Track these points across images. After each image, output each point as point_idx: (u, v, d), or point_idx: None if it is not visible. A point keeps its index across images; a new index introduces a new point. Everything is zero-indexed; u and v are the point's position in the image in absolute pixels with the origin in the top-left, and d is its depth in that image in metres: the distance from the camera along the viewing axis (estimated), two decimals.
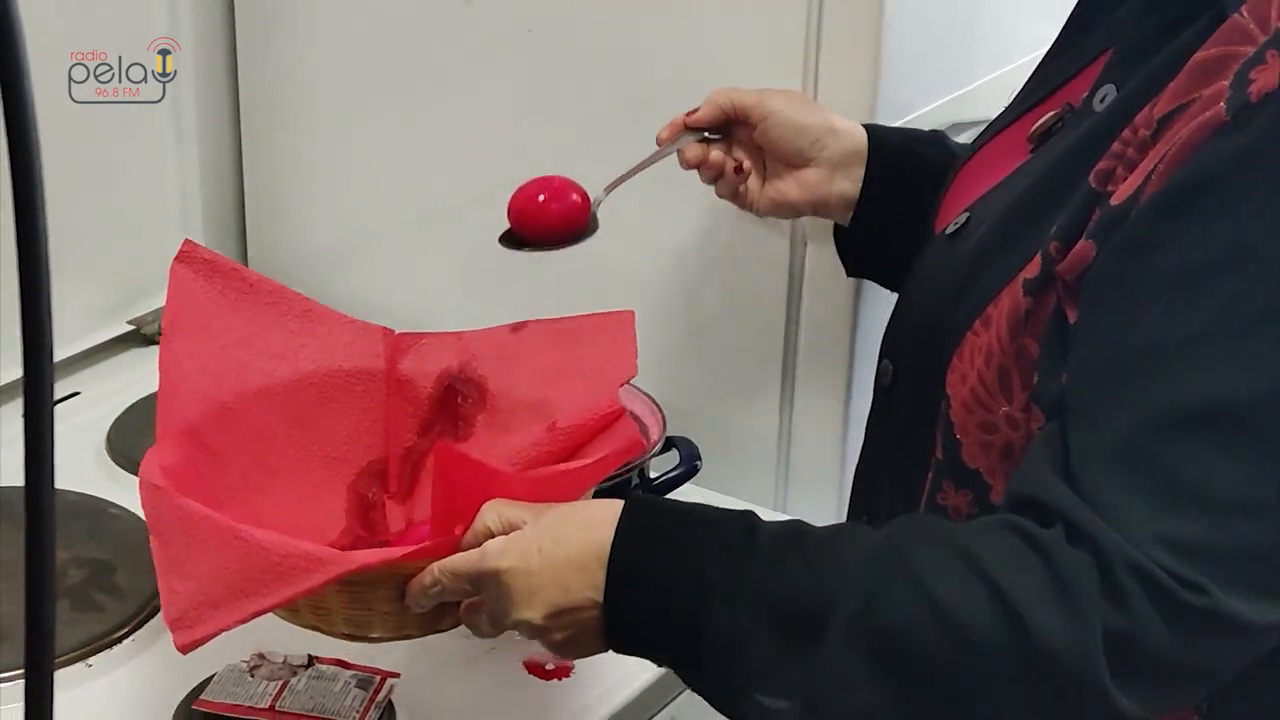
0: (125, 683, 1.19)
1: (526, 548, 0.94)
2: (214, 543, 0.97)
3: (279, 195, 1.75)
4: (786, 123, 1.22)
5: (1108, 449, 0.83)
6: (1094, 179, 0.89)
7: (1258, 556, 0.81)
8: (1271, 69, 0.81)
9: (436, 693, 1.19)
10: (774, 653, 0.88)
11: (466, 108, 1.57)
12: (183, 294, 1.19)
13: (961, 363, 0.95)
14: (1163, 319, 0.83)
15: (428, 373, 1.25)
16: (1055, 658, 0.81)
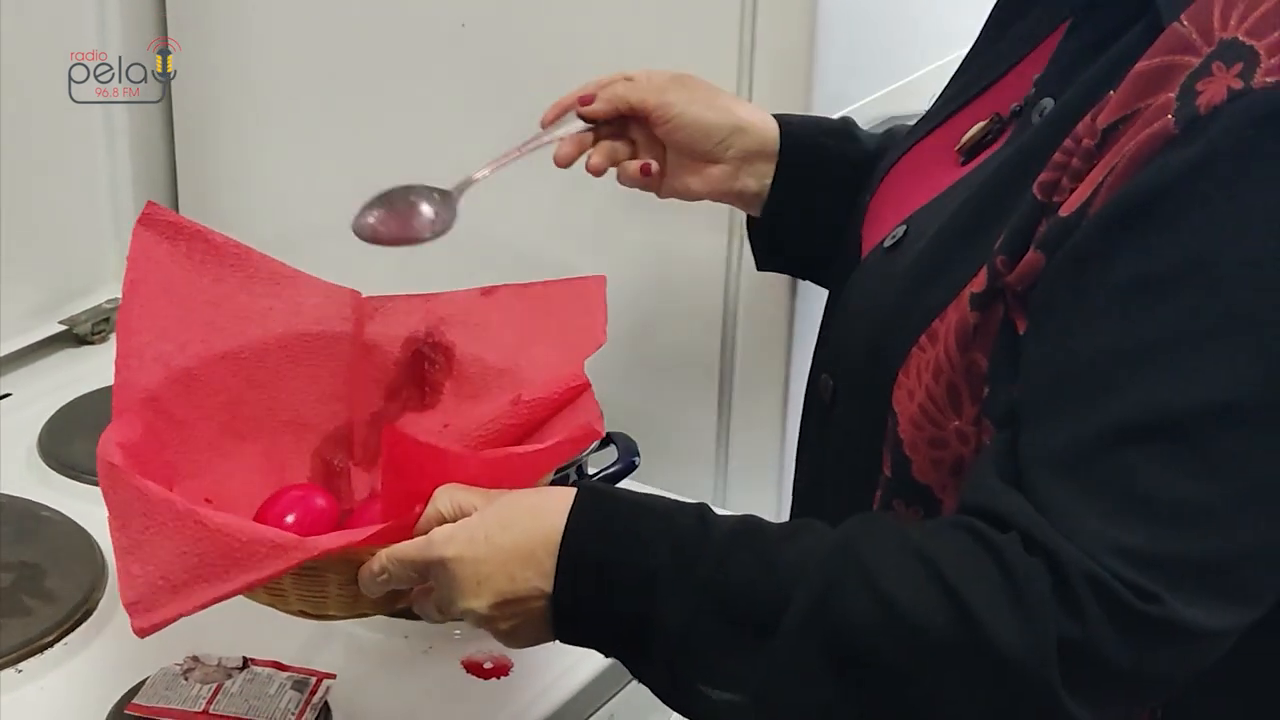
0: (57, 687, 1.17)
1: (474, 535, 0.93)
2: (173, 526, 0.96)
3: (213, 194, 1.73)
4: (691, 124, 1.20)
5: (1059, 460, 0.83)
6: (1038, 190, 0.89)
7: (1210, 565, 0.81)
8: (1219, 81, 0.81)
9: (373, 693, 1.18)
10: (725, 646, 0.87)
11: (401, 102, 1.56)
12: (145, 257, 1.16)
13: (908, 379, 0.94)
14: (1114, 331, 0.83)
15: (395, 337, 1.24)
16: (1008, 663, 0.81)
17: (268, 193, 1.69)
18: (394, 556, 0.96)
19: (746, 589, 0.87)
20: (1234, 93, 0.80)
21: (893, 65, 1.46)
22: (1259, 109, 0.80)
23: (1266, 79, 0.80)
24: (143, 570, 0.95)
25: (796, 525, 0.92)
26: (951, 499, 0.94)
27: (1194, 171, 0.81)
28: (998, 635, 0.81)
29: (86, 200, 1.68)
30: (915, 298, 0.95)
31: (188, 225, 1.19)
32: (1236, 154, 0.80)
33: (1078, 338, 0.84)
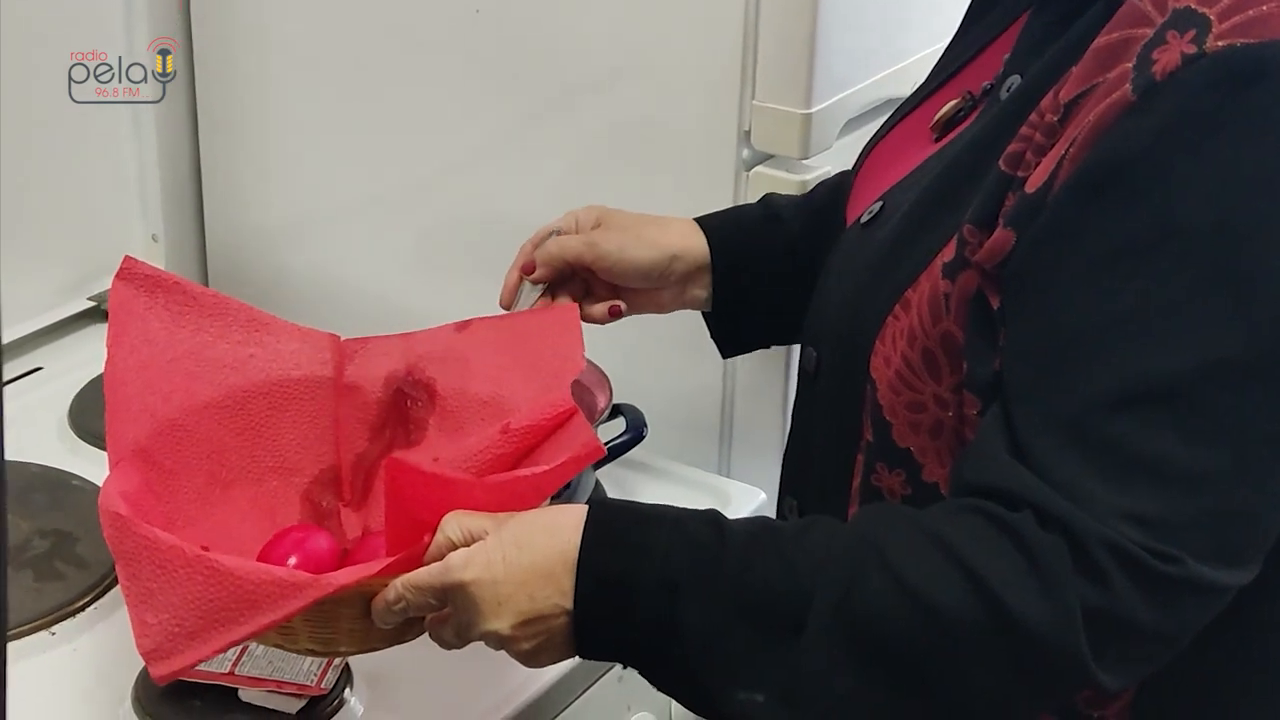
0: (88, 649, 1.18)
1: (491, 558, 0.91)
2: (184, 572, 0.93)
3: (235, 177, 1.73)
4: (630, 268, 1.18)
5: (1059, 432, 0.83)
6: (1004, 163, 0.88)
7: (1215, 522, 0.81)
8: (1173, 48, 0.80)
9: (393, 655, 1.16)
10: (751, 648, 0.87)
11: (417, 85, 1.56)
12: (124, 311, 1.14)
13: (884, 346, 0.94)
14: (1096, 300, 0.82)
15: (375, 377, 1.21)
16: (1034, 638, 0.81)
17: (288, 174, 1.69)
18: (411, 584, 0.93)
19: (768, 590, 0.87)
20: (1188, 58, 0.80)
21: (890, 50, 1.45)
22: (1213, 72, 0.79)
23: (1218, 42, 0.79)
24: (157, 619, 0.93)
25: (809, 522, 0.92)
26: (931, 461, 0.94)
27: (1155, 138, 0.80)
28: (1022, 613, 0.81)
29: (113, 182, 1.67)
30: (889, 268, 0.95)
31: (165, 277, 1.18)
32: (1195, 117, 0.80)
33: (1061, 311, 0.84)
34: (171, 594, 0.93)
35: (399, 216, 1.62)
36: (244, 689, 1.10)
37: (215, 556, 0.94)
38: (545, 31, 1.46)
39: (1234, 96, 0.79)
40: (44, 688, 1.13)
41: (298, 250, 1.70)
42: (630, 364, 1.25)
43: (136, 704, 1.10)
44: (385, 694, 1.14)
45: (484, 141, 1.54)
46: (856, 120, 1.42)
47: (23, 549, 1.26)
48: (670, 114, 1.42)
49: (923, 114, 1.07)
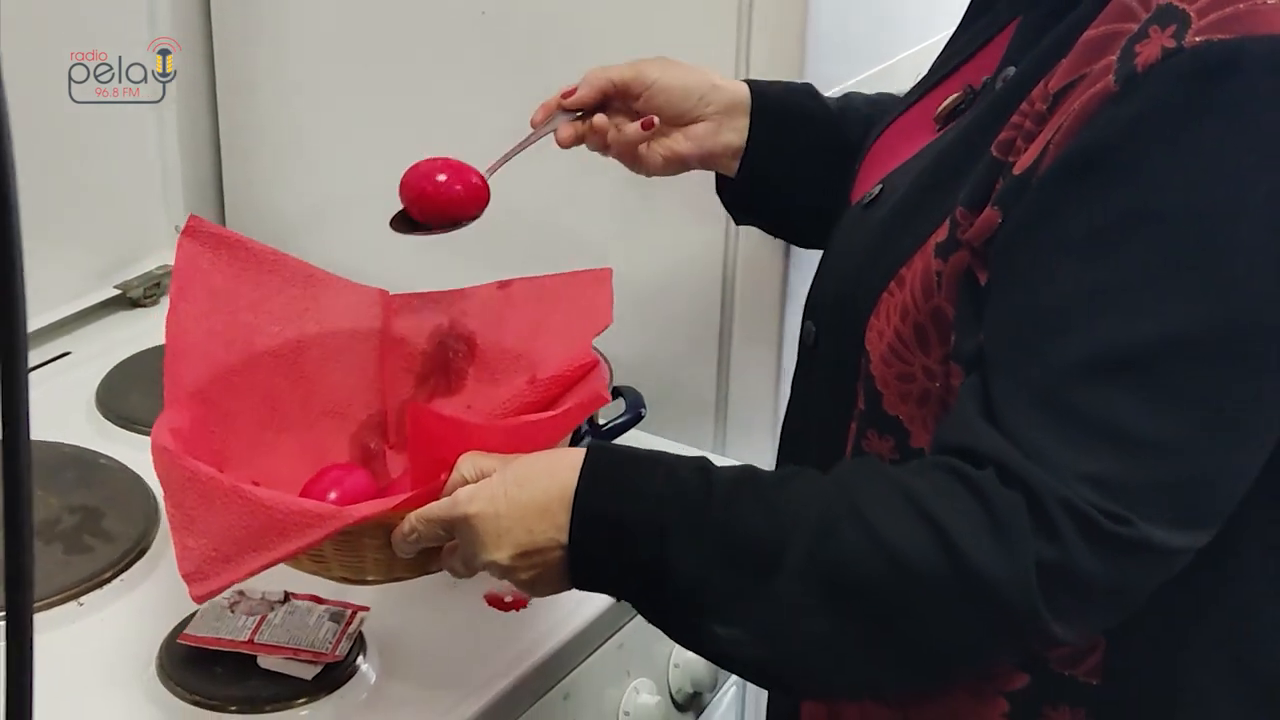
0: (114, 620, 1.19)
1: (494, 493, 0.94)
2: (222, 502, 0.97)
3: (253, 171, 1.74)
4: (670, 87, 1.19)
5: (1029, 398, 0.83)
6: (996, 149, 0.89)
7: (1171, 488, 0.82)
8: (1154, 42, 0.81)
9: (404, 624, 1.19)
10: (732, 587, 0.88)
11: (427, 83, 1.56)
12: (189, 266, 1.18)
13: (879, 320, 0.95)
14: (1071, 278, 0.83)
15: (421, 330, 1.25)
16: (992, 587, 0.82)
17: (304, 168, 1.70)
18: (422, 517, 0.97)
19: (749, 533, 0.88)
20: (1167, 51, 0.80)
21: (880, 47, 1.45)
22: (1190, 65, 0.79)
23: (1196, 38, 0.79)
24: (196, 544, 0.96)
25: (791, 472, 0.93)
26: (919, 428, 0.94)
27: (1135, 125, 0.81)
28: (980, 562, 0.82)
29: (138, 176, 1.68)
30: (885, 247, 0.96)
31: (229, 235, 1.21)
32: (1173, 107, 0.80)
33: (1039, 286, 0.84)
34: (210, 521, 0.97)
35: None
36: (263, 656, 1.11)
37: (250, 488, 0.98)
38: (548, 32, 1.46)
39: (1209, 88, 0.79)
40: (73, 656, 1.14)
41: (314, 239, 1.70)
42: (630, 349, 1.26)
43: (161, 670, 1.11)
44: (397, 661, 1.15)
45: (491, 136, 1.54)
46: None
47: (53, 524, 1.27)
48: None
49: (925, 105, 1.08)
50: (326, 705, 1.10)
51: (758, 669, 0.94)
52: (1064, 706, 0.94)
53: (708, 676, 1.36)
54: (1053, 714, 0.94)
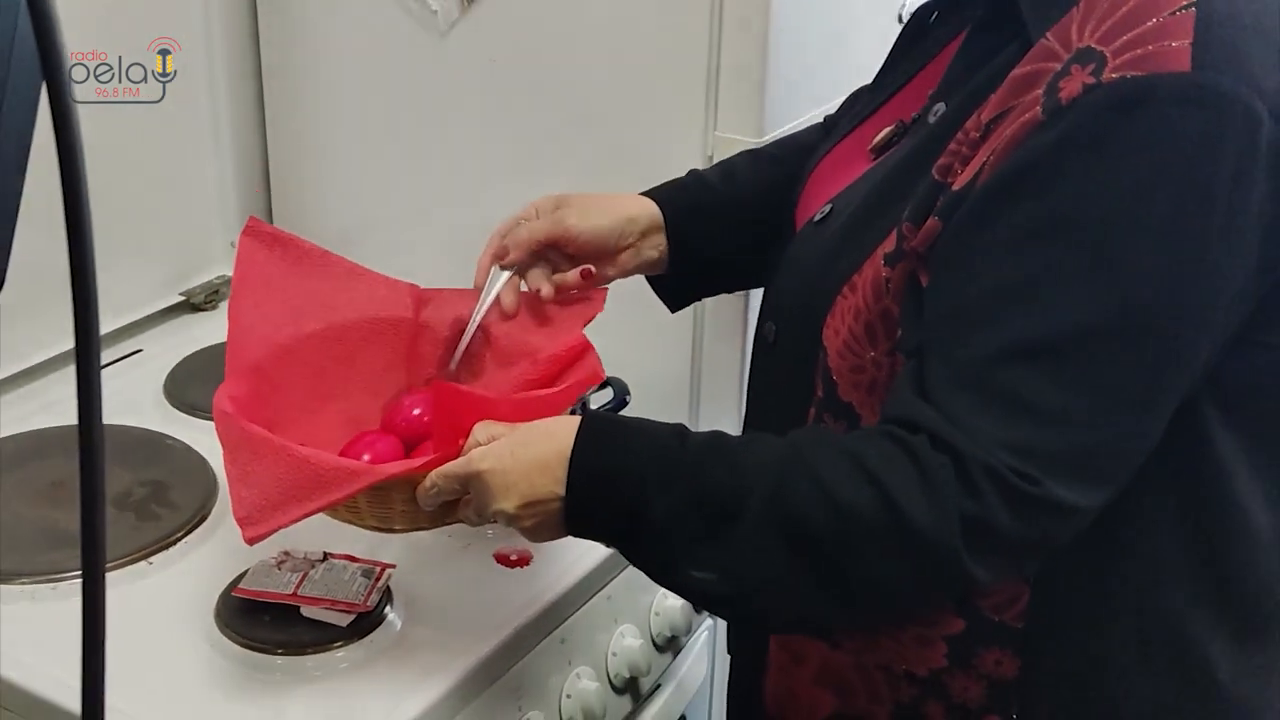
0: (179, 576, 1.18)
1: (502, 452, 0.93)
2: (272, 459, 0.97)
3: (298, 194, 1.72)
4: (593, 235, 1.16)
5: (957, 377, 0.83)
6: (936, 172, 0.88)
7: (1075, 454, 0.82)
8: (1075, 79, 0.80)
9: (425, 579, 1.18)
10: (701, 534, 0.87)
11: (447, 122, 1.55)
12: (248, 260, 1.17)
13: (835, 320, 0.94)
14: (997, 275, 0.82)
15: (445, 319, 1.23)
16: (922, 536, 0.81)
17: (343, 191, 1.68)
18: (442, 473, 0.96)
19: (717, 487, 0.87)
20: (1087, 86, 0.79)
21: (825, 90, 1.43)
22: (1107, 98, 0.79)
23: (1112, 74, 0.79)
24: (249, 493, 0.96)
25: (754, 437, 0.92)
26: (868, 412, 0.93)
27: (1058, 148, 0.80)
28: (913, 514, 0.81)
29: (199, 199, 1.67)
30: (839, 258, 0.95)
31: (282, 235, 1.20)
32: (1090, 133, 0.79)
33: (969, 282, 0.84)
34: (262, 474, 0.96)
35: (431, 226, 1.61)
36: (305, 607, 1.10)
37: (296, 446, 0.97)
38: (547, 76, 1.45)
39: (1121, 118, 0.78)
40: (144, 607, 1.13)
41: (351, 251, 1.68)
42: (617, 344, 1.25)
43: (219, 619, 1.10)
44: (419, 610, 1.14)
45: (499, 164, 1.54)
46: None
47: (126, 496, 1.26)
48: (650, 143, 1.41)
49: (860, 135, 1.06)
50: (359, 648, 1.09)
51: (725, 604, 0.93)
52: (994, 647, 0.93)
53: (683, 622, 1.35)
54: (985, 654, 0.93)
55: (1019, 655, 0.92)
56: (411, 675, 1.07)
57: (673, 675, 1.39)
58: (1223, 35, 0.78)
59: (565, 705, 1.21)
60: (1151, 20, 0.78)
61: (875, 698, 0.98)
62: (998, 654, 0.93)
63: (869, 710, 0.99)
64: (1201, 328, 0.81)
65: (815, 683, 1.01)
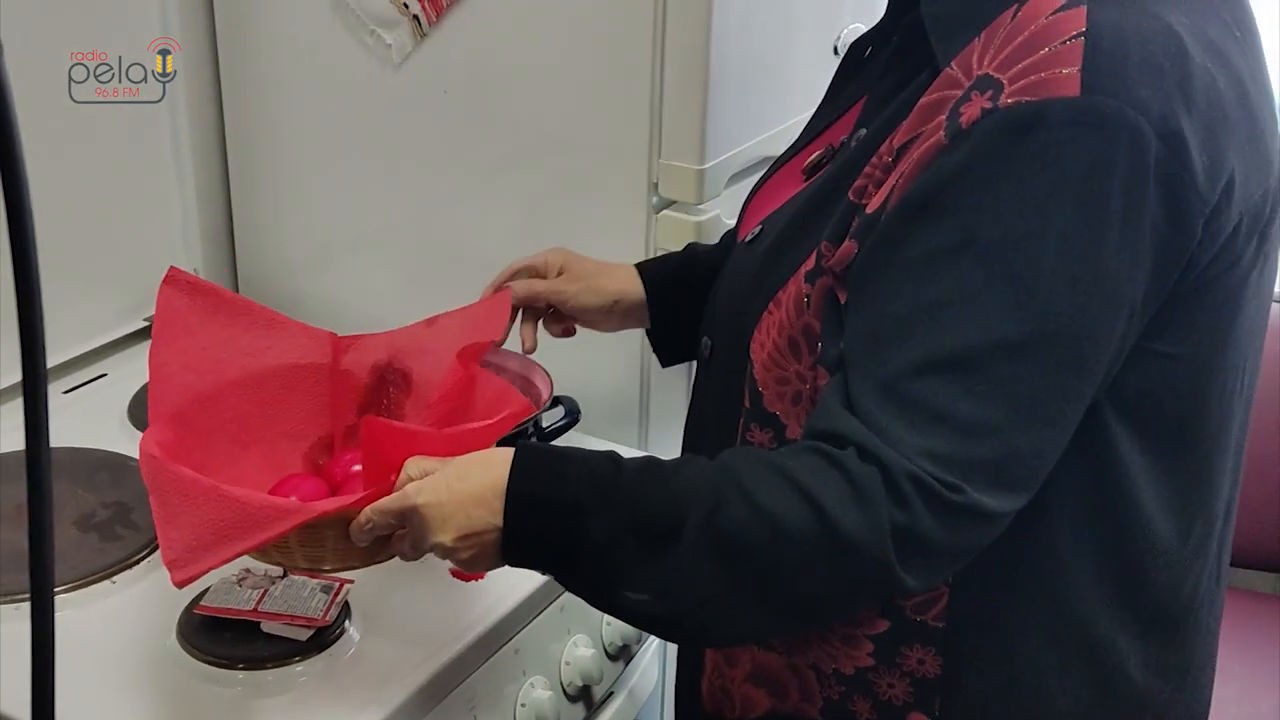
0: (141, 595, 1.18)
1: (437, 485, 0.92)
2: (200, 499, 0.94)
3: (260, 221, 1.72)
4: (583, 308, 1.21)
5: (879, 391, 0.84)
6: (852, 194, 0.90)
7: (992, 462, 0.82)
8: (975, 104, 0.82)
9: (382, 593, 1.19)
10: (637, 558, 0.87)
11: (403, 152, 1.56)
12: (168, 308, 1.16)
13: (761, 335, 0.95)
14: (911, 293, 0.83)
15: (364, 365, 1.23)
16: (856, 547, 0.82)
17: (302, 220, 1.69)
18: (377, 509, 0.95)
19: (652, 512, 0.87)
20: (985, 111, 0.81)
21: (764, 120, 1.46)
22: (1003, 122, 0.80)
23: (1008, 100, 0.80)
24: (179, 535, 0.93)
25: (685, 459, 0.93)
26: (793, 422, 0.94)
27: (960, 171, 0.81)
28: (845, 526, 0.82)
29: (162, 228, 1.66)
30: (765, 276, 0.96)
31: (202, 284, 1.19)
32: (990, 155, 0.80)
33: (885, 300, 0.85)
34: (190, 516, 0.93)
35: (388, 251, 1.62)
36: (265, 622, 1.10)
37: (225, 486, 0.95)
38: (499, 107, 1.46)
39: (1017, 140, 0.80)
40: (107, 626, 1.13)
41: (310, 279, 1.69)
42: (568, 363, 1.26)
43: (180, 636, 1.10)
44: (376, 624, 1.15)
45: (454, 192, 1.54)
46: (740, 173, 1.42)
47: (90, 517, 1.26)
48: (598, 170, 1.42)
49: (796, 162, 1.09)
50: (318, 662, 1.09)
51: (663, 625, 0.93)
52: (917, 645, 0.94)
53: (634, 631, 1.36)
54: (909, 653, 0.95)
55: (941, 654, 0.94)
56: (370, 687, 1.08)
57: (625, 683, 1.39)
58: (1111, 62, 0.79)
59: (520, 714, 1.21)
60: (1044, 49, 0.80)
61: (806, 695, 0.99)
62: (920, 652, 0.94)
63: (800, 708, 1.00)
64: (1104, 337, 0.83)
65: (748, 681, 1.03)
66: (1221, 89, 0.82)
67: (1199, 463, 0.93)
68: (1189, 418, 0.91)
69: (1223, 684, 1.10)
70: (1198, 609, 0.98)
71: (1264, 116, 0.88)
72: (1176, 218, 0.81)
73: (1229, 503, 0.99)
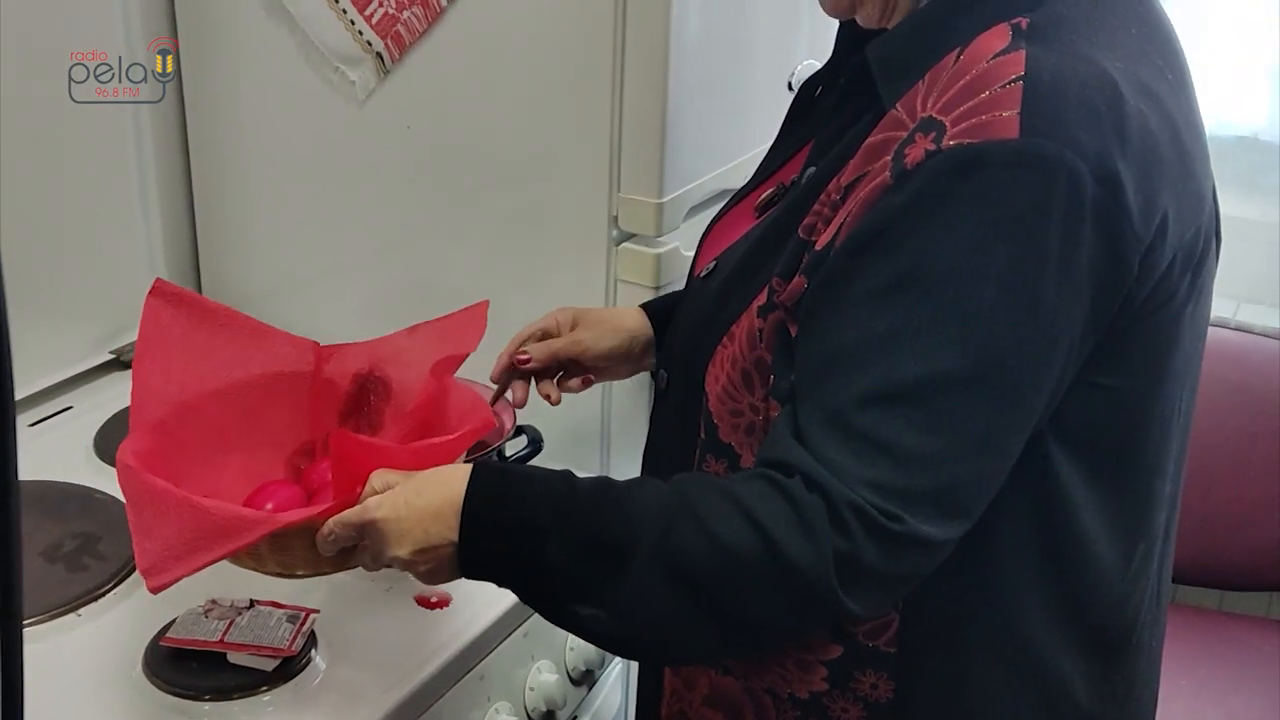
0: (108, 627, 1.17)
1: (396, 500, 0.93)
2: (174, 510, 0.96)
3: (225, 253, 1.72)
4: (604, 356, 1.19)
5: (826, 421, 0.85)
6: (802, 231, 0.91)
7: (933, 492, 0.83)
8: (919, 146, 0.83)
9: (348, 622, 1.19)
10: (592, 575, 0.87)
11: (366, 183, 1.57)
12: (154, 319, 1.16)
13: (715, 368, 0.96)
14: (857, 327, 0.84)
15: (345, 374, 1.23)
16: (800, 573, 0.83)
17: (266, 253, 1.69)
18: (338, 521, 0.96)
19: (606, 532, 0.87)
20: (929, 153, 0.82)
21: (720, 155, 1.47)
22: (945, 163, 0.81)
23: (950, 141, 0.81)
24: (152, 544, 0.95)
25: (639, 481, 0.93)
26: (747, 453, 0.95)
27: (904, 209, 0.82)
28: (791, 553, 0.82)
29: (128, 260, 1.66)
30: (719, 310, 0.97)
31: (188, 294, 1.19)
32: (932, 195, 0.82)
33: (833, 334, 0.86)
34: (164, 526, 0.95)
35: (351, 282, 1.63)
36: (231, 653, 1.10)
37: (197, 498, 0.97)
38: (461, 142, 1.47)
39: (959, 181, 0.81)
40: (73, 658, 1.12)
41: (275, 310, 1.69)
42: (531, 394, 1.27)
43: (146, 668, 1.10)
44: (343, 653, 1.15)
45: (416, 224, 1.55)
46: (697, 207, 1.44)
47: (56, 548, 1.25)
48: (559, 204, 1.43)
49: (751, 199, 1.10)
50: (284, 692, 1.09)
51: (616, 642, 0.94)
52: (870, 671, 0.95)
53: (597, 656, 1.37)
54: (862, 678, 0.96)
55: (893, 678, 0.95)
56: (336, 716, 1.08)
57: (588, 708, 1.40)
58: (1049, 105, 0.81)
59: None
60: (985, 92, 0.82)
61: (763, 719, 1.00)
62: (873, 677, 0.96)
63: None
64: (1043, 371, 0.84)
65: (706, 705, 1.04)
66: (1155, 130, 0.84)
67: (1139, 489, 0.95)
68: (1129, 447, 0.93)
69: (1167, 699, 1.12)
70: (1140, 630, 1.00)
71: (1196, 156, 0.90)
72: (1113, 255, 0.83)
73: (1168, 527, 1.01)
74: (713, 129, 1.45)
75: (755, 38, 1.50)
